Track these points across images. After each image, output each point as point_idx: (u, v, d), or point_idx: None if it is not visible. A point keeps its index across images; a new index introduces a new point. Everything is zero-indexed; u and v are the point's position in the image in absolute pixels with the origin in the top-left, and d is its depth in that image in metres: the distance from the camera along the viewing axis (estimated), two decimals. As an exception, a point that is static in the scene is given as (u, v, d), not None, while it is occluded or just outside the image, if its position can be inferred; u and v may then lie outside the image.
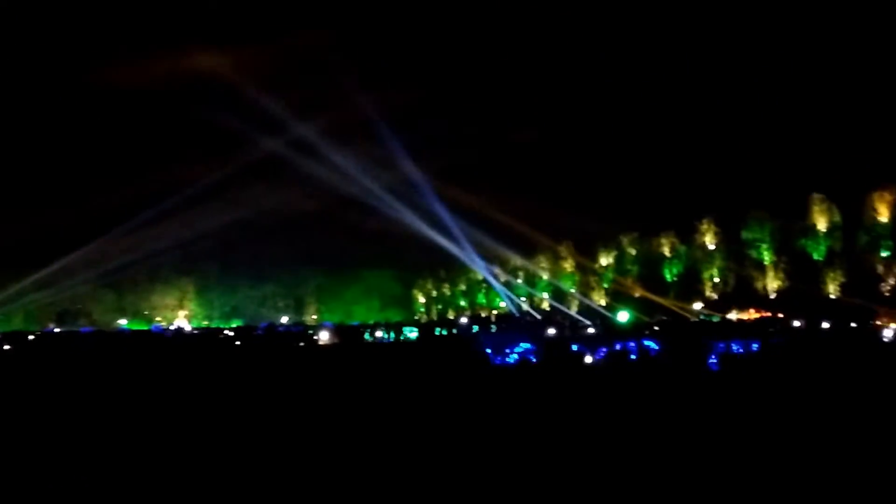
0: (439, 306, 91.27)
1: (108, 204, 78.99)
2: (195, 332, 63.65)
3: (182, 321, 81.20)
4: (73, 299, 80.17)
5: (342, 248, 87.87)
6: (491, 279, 78.82)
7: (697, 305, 59.85)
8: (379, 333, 60.52)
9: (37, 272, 73.83)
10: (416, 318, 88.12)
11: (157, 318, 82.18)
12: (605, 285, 70.14)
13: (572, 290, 72.41)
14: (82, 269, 75.98)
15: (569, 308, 69.39)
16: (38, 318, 77.29)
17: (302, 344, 50.88)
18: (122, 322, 78.60)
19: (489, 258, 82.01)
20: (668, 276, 65.38)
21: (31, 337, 51.10)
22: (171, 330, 65.81)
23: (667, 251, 66.49)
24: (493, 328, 57.57)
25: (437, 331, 61.17)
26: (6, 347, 41.87)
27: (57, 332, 63.10)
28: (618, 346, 31.10)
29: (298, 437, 13.15)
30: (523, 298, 77.79)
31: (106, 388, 23.03)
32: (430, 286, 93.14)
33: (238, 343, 49.79)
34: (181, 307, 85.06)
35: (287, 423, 14.93)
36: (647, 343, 31.71)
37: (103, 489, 9.46)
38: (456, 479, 9.61)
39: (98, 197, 78.73)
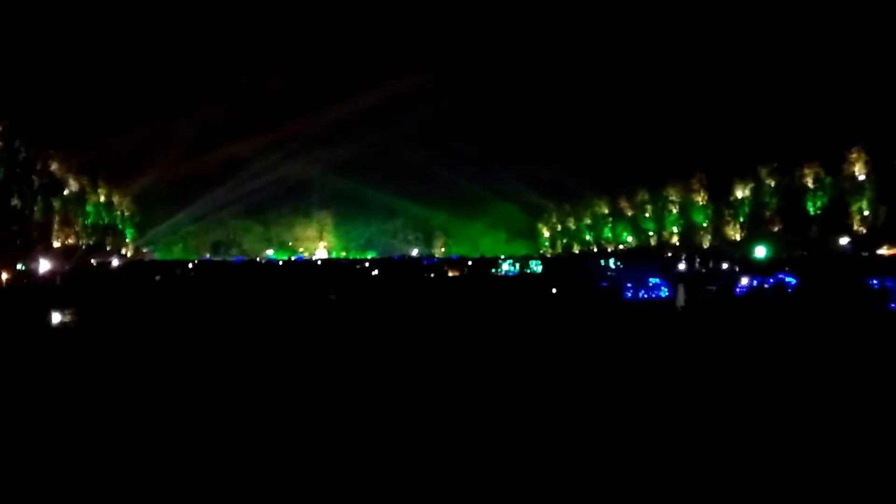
0: (564, 240, 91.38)
1: (254, 141, 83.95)
2: (340, 261, 67.86)
3: (322, 252, 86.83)
4: (225, 231, 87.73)
5: (471, 181, 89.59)
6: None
7: (844, 240, 56.47)
8: (505, 267, 61.93)
9: (193, 206, 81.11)
10: (541, 251, 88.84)
11: (300, 249, 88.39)
12: (741, 219, 67.53)
13: (704, 224, 70.31)
14: (233, 203, 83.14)
15: (701, 243, 67.71)
16: (196, 248, 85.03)
17: (432, 275, 53.16)
18: (270, 252, 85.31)
19: (614, 191, 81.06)
20: (810, 210, 61.94)
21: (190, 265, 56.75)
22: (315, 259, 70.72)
23: (810, 182, 62.72)
24: (618, 264, 56.98)
25: (562, 265, 61.66)
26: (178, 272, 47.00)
27: (213, 261, 69.32)
28: (755, 282, 30.59)
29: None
30: (651, 233, 76.44)
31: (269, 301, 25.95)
32: (554, 220, 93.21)
33: (375, 273, 52.78)
34: (321, 239, 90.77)
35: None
36: (785, 279, 30.96)
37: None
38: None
39: (245, 135, 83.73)
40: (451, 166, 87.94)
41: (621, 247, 79.01)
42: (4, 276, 35.85)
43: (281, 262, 67.42)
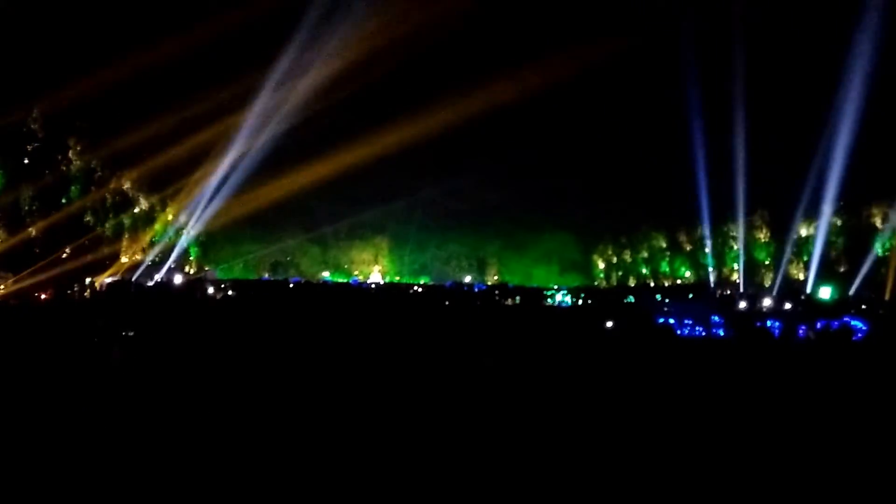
0: (619, 273, 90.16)
1: (314, 167, 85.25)
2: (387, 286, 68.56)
3: (376, 276, 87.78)
4: (283, 252, 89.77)
5: (524, 209, 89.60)
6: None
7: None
8: (559, 297, 61.59)
9: (254, 226, 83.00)
10: (595, 284, 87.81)
11: (355, 273, 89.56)
12: (805, 258, 65.78)
13: (766, 262, 68.69)
14: (291, 226, 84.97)
15: (763, 282, 66.11)
16: (255, 268, 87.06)
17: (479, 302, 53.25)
18: (326, 274, 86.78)
19: (673, 225, 79.87)
20: (879, 250, 60.01)
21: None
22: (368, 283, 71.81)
23: (878, 222, 61.00)
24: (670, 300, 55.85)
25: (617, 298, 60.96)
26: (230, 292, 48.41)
27: (271, 281, 71.08)
28: (819, 325, 29.70)
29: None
30: (711, 269, 75.00)
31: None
32: (610, 252, 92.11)
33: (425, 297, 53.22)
34: (376, 263, 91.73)
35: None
36: (852, 322, 29.90)
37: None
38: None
39: (305, 160, 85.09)
40: (507, 194, 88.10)
41: (679, 282, 77.66)
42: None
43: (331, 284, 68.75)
